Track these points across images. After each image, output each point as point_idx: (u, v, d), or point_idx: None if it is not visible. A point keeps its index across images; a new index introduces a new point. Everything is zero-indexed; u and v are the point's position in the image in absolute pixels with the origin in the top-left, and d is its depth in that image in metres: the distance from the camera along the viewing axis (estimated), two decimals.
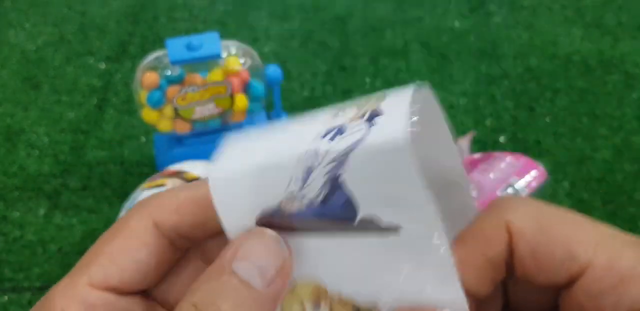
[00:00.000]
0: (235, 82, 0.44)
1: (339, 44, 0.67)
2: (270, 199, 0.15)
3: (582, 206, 0.52)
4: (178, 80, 0.44)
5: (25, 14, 0.68)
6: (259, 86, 0.45)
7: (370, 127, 0.14)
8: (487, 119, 0.59)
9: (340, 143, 0.14)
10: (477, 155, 0.50)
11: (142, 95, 0.44)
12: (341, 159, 0.14)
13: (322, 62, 0.64)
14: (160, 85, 0.43)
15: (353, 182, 0.14)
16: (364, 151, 0.14)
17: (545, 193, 0.47)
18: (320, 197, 0.14)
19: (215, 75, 0.44)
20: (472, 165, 0.48)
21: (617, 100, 0.61)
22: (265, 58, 0.65)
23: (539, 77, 0.64)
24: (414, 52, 0.66)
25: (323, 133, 0.15)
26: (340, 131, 0.15)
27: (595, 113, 0.60)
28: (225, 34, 0.67)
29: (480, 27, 0.69)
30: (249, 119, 0.48)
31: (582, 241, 0.14)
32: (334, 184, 0.14)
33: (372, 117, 0.15)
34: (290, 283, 0.15)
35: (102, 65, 0.63)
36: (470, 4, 0.73)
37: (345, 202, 0.14)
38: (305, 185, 0.15)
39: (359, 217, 0.14)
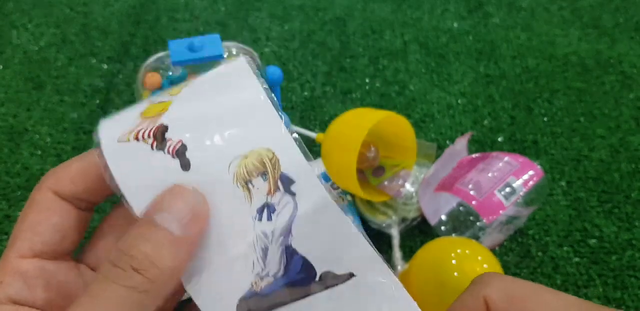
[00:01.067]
0: None
1: (339, 45, 0.67)
2: (242, 285, 0.18)
3: (579, 205, 0.52)
4: (180, 81, 0.44)
5: (28, 15, 0.69)
6: None
7: (294, 196, 0.18)
8: (485, 119, 0.60)
9: (280, 219, 0.18)
10: (475, 155, 0.50)
11: (145, 96, 0.44)
12: (286, 231, 0.18)
13: (322, 63, 0.65)
14: (162, 85, 0.44)
15: (302, 245, 0.18)
16: (303, 220, 0.18)
17: (543, 192, 0.47)
18: (282, 267, 0.18)
19: None
20: (470, 165, 0.49)
21: (615, 100, 0.62)
22: (266, 58, 0.65)
23: (537, 77, 0.64)
24: (413, 52, 0.67)
25: (255, 215, 0.18)
26: (270, 208, 0.18)
27: (593, 114, 0.60)
28: (226, 35, 0.68)
29: (479, 28, 0.70)
30: None
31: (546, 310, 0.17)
32: (288, 252, 0.18)
33: (288, 186, 0.18)
34: None
35: (105, 66, 0.63)
36: (469, 5, 0.73)
37: (302, 264, 0.18)
38: (266, 263, 0.18)
39: (318, 274, 0.18)
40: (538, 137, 0.58)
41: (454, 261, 0.40)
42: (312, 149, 0.56)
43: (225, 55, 0.44)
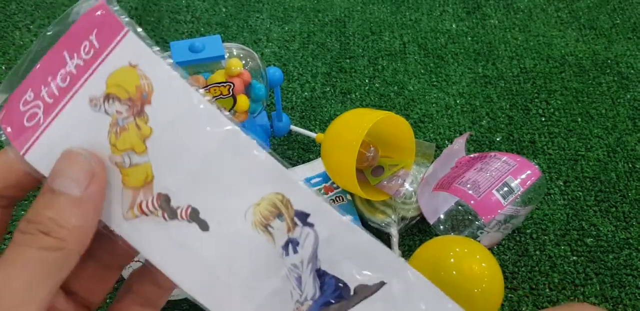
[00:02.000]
0: (237, 83, 0.45)
1: (339, 46, 0.68)
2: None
3: (576, 204, 0.53)
4: None
5: (31, 16, 0.70)
6: (260, 87, 0.46)
7: (312, 227, 0.19)
8: (483, 119, 0.60)
9: (305, 250, 0.19)
10: (473, 155, 0.51)
11: None
12: (313, 258, 0.19)
13: (322, 63, 0.65)
14: None
15: (330, 267, 0.19)
16: (325, 244, 0.19)
17: (540, 191, 0.48)
18: (317, 290, 0.19)
19: (218, 76, 0.45)
20: (468, 165, 0.49)
21: (611, 100, 0.62)
22: (267, 59, 0.66)
23: (535, 78, 0.65)
24: (411, 53, 0.67)
25: (281, 252, 0.19)
26: (294, 243, 0.19)
27: (590, 114, 0.61)
28: (227, 36, 0.69)
29: (477, 29, 0.70)
30: (251, 119, 0.49)
31: None
32: (320, 274, 0.19)
33: (304, 220, 0.19)
34: None
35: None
36: (467, 7, 0.74)
37: (335, 282, 0.19)
38: (302, 289, 0.19)
39: (352, 289, 0.19)
40: (535, 137, 0.58)
41: (452, 260, 0.40)
42: (312, 149, 0.57)
43: (226, 57, 0.44)
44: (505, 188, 0.46)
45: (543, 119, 0.60)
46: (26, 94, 0.20)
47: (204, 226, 0.19)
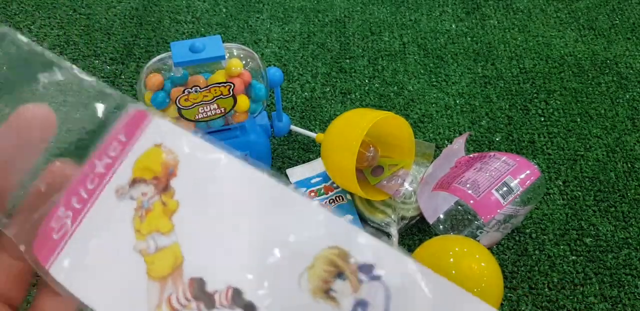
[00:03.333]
0: (238, 83, 0.45)
1: (339, 46, 0.68)
2: None
3: (575, 204, 0.53)
4: (182, 82, 0.45)
5: (32, 16, 0.70)
6: (260, 87, 0.46)
7: (379, 279, 0.16)
8: (482, 119, 0.60)
9: (377, 309, 0.16)
10: (473, 155, 0.51)
11: (147, 96, 0.45)
12: None
13: (322, 64, 0.66)
14: (165, 86, 0.44)
15: None
16: (396, 295, 0.16)
17: (539, 191, 0.48)
18: None
19: (218, 76, 0.45)
20: (468, 165, 0.49)
21: (610, 100, 0.62)
22: (267, 60, 0.66)
23: (534, 78, 0.65)
24: (411, 53, 0.67)
25: None
26: (363, 305, 0.16)
27: (589, 114, 0.61)
28: (227, 36, 0.69)
29: (476, 30, 0.70)
30: (251, 119, 0.50)
31: None
32: None
33: (370, 273, 0.16)
34: None
35: (107, 67, 0.64)
36: (466, 7, 0.74)
37: None
38: None
39: None
40: (535, 137, 0.59)
41: (452, 260, 0.41)
42: (312, 149, 0.57)
43: (226, 57, 0.44)
44: (505, 188, 0.46)
45: (542, 119, 0.60)
46: (58, 211, 0.18)
47: (250, 307, 0.16)
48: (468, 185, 0.46)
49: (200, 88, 0.44)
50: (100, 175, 0.18)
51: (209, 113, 0.46)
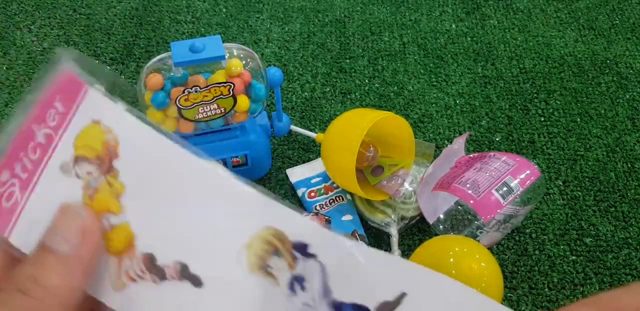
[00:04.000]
0: (238, 83, 0.45)
1: (339, 46, 0.68)
2: None
3: (575, 204, 0.53)
4: (182, 82, 0.45)
5: (32, 16, 0.70)
6: (260, 87, 0.46)
7: (315, 257, 0.17)
8: (482, 119, 0.60)
9: (314, 285, 0.17)
10: (473, 155, 0.51)
11: (147, 96, 0.45)
12: (325, 290, 0.17)
13: (322, 64, 0.66)
14: (165, 86, 0.44)
15: (344, 295, 0.17)
16: (334, 273, 0.17)
17: (539, 191, 0.48)
18: None
19: (218, 76, 0.45)
20: (468, 164, 0.49)
21: (610, 100, 0.63)
22: (267, 60, 0.66)
23: (534, 78, 0.65)
24: (411, 53, 0.67)
25: (288, 292, 0.17)
26: (299, 280, 0.17)
27: (589, 114, 0.61)
28: (227, 36, 0.69)
29: (476, 30, 0.71)
30: (251, 119, 0.50)
31: None
32: (336, 305, 0.17)
33: (304, 251, 0.17)
34: None
35: (107, 67, 0.64)
36: (466, 7, 0.74)
37: (354, 309, 0.17)
38: None
39: (373, 309, 0.17)
40: (535, 137, 0.59)
41: (451, 260, 0.41)
42: (312, 149, 0.57)
43: (226, 57, 0.44)
44: (505, 188, 0.46)
45: (542, 119, 0.60)
46: (1, 175, 0.19)
47: (196, 282, 0.17)
48: (468, 185, 0.46)
49: (200, 88, 0.44)
50: (42, 146, 0.19)
51: (209, 113, 0.46)
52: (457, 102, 0.62)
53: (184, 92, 0.44)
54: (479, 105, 0.62)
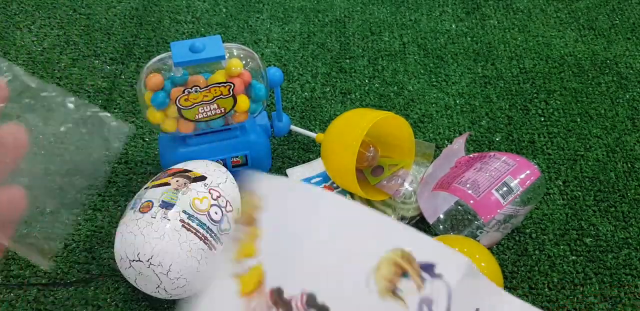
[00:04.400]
0: (238, 83, 0.45)
1: (339, 46, 0.68)
2: None
3: (575, 204, 0.53)
4: (182, 82, 0.45)
5: (32, 16, 0.70)
6: (260, 87, 0.46)
7: (441, 278, 0.17)
8: (482, 119, 0.60)
9: (440, 306, 0.17)
10: (473, 155, 0.51)
11: (147, 96, 0.45)
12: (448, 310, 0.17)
13: (322, 64, 0.66)
14: (165, 86, 0.44)
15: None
16: (458, 291, 0.17)
17: (539, 191, 0.48)
18: None
19: (218, 76, 0.45)
20: (468, 165, 0.49)
21: (610, 100, 0.63)
22: (267, 60, 0.66)
23: (534, 78, 0.65)
24: (411, 53, 0.67)
25: None
26: (427, 302, 0.17)
27: (589, 114, 0.61)
28: (227, 37, 0.69)
29: (476, 30, 0.71)
30: (251, 119, 0.50)
31: None
32: None
33: (432, 272, 0.17)
34: None
35: (108, 67, 0.64)
36: (466, 7, 0.74)
37: None
38: None
39: None
40: (535, 137, 0.59)
41: None
42: (312, 149, 0.57)
43: (226, 57, 0.44)
44: (505, 188, 0.46)
45: (542, 119, 0.60)
46: None
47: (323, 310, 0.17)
48: (468, 185, 0.46)
49: (200, 88, 0.44)
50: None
51: (209, 113, 0.46)
52: (457, 102, 0.62)
53: (184, 92, 0.44)
54: (479, 105, 0.62)
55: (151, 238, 0.39)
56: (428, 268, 0.17)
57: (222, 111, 0.46)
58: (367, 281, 0.17)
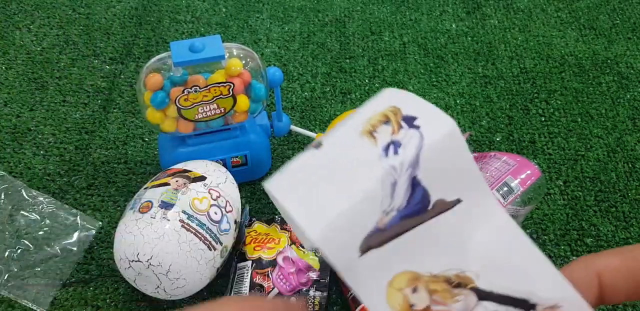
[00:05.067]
0: (237, 83, 0.45)
1: (339, 46, 0.68)
2: (368, 225, 0.17)
3: (576, 204, 0.53)
4: (181, 82, 0.45)
5: (31, 16, 0.70)
6: (260, 87, 0.46)
7: (418, 129, 0.18)
8: (483, 119, 0.60)
9: (407, 151, 0.18)
10: (473, 155, 0.51)
11: (146, 96, 0.45)
12: (414, 162, 0.17)
13: (322, 64, 0.66)
14: (164, 86, 0.44)
15: (426, 176, 0.18)
16: (429, 149, 0.17)
17: (540, 191, 0.48)
18: (405, 200, 0.18)
19: (218, 76, 0.45)
20: None
21: (611, 100, 0.62)
22: (267, 59, 0.66)
23: (534, 78, 0.65)
24: (411, 53, 0.67)
25: (382, 153, 0.18)
26: (396, 144, 0.18)
27: (590, 114, 0.61)
28: (227, 36, 0.69)
29: (477, 29, 0.70)
30: (251, 119, 0.49)
31: None
32: (414, 183, 0.18)
33: (411, 123, 0.18)
34: (386, 278, 0.18)
35: (107, 67, 0.64)
36: (467, 7, 0.74)
37: (422, 194, 0.18)
38: (393, 198, 0.18)
39: (432, 202, 0.18)
40: (535, 137, 0.59)
41: None
42: None
43: (226, 57, 0.44)
44: (505, 188, 0.46)
45: (543, 119, 0.60)
46: None
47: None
48: None
49: (200, 88, 0.44)
50: None
51: (208, 113, 0.46)
52: (458, 102, 0.62)
53: (183, 91, 0.43)
54: (480, 105, 0.62)
55: (151, 238, 0.39)
56: (409, 119, 0.18)
57: (222, 111, 0.46)
58: (358, 126, 0.18)
